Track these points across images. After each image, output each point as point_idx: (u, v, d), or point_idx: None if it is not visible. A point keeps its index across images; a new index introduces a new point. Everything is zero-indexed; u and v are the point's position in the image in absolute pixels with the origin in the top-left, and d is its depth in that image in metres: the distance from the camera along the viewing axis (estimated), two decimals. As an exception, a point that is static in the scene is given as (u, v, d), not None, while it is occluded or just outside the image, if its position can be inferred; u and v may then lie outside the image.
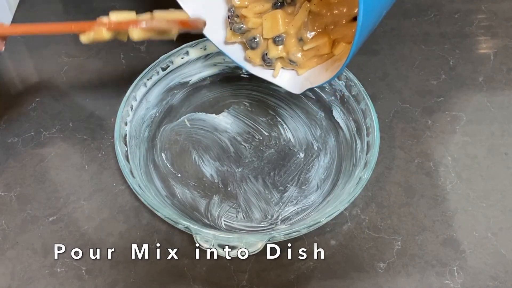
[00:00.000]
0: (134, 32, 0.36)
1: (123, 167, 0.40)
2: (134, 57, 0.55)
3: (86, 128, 0.48)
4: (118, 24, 0.36)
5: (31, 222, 0.42)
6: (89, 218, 0.42)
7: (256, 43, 0.43)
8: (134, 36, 0.36)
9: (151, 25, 0.37)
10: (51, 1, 0.62)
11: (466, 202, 0.42)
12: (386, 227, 0.41)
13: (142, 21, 0.37)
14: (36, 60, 0.55)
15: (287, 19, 0.41)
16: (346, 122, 0.46)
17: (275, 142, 0.47)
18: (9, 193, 0.44)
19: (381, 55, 0.55)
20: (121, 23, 0.36)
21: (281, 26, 0.41)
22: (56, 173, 0.45)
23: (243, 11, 0.42)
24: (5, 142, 0.47)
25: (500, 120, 0.48)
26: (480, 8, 0.59)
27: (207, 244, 0.36)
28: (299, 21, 0.41)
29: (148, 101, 0.47)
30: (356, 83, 0.44)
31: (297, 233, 0.37)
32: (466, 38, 0.56)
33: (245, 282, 0.38)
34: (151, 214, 0.42)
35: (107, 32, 0.36)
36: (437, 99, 0.50)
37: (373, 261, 0.39)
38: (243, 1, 0.42)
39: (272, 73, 0.44)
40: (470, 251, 0.40)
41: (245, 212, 0.42)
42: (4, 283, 0.39)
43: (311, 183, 0.44)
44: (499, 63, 0.53)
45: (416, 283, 0.38)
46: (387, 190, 0.43)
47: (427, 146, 0.46)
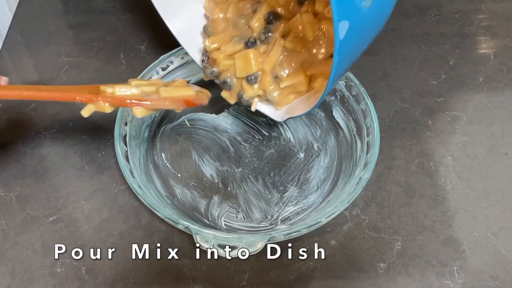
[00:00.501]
0: (138, 111, 0.35)
1: (123, 167, 0.40)
2: (134, 57, 0.55)
3: (86, 128, 0.48)
4: (121, 101, 0.35)
5: (31, 222, 0.42)
6: (89, 218, 0.42)
7: (229, 86, 0.42)
8: (138, 115, 0.36)
9: (156, 104, 0.36)
10: (51, 1, 0.62)
11: (466, 202, 0.42)
12: (386, 227, 0.41)
13: (146, 100, 0.35)
14: (36, 60, 0.55)
15: (261, 58, 0.40)
16: (346, 122, 0.46)
17: (275, 142, 0.47)
18: (9, 193, 0.44)
19: (381, 55, 0.55)
20: (124, 100, 0.35)
21: (253, 65, 0.40)
22: (56, 173, 0.45)
23: (213, 54, 0.42)
24: (5, 142, 0.47)
25: (500, 120, 0.48)
26: (480, 8, 0.59)
27: (207, 244, 0.36)
28: (274, 58, 0.40)
29: (148, 101, 0.46)
30: (356, 83, 0.44)
31: (297, 233, 0.37)
32: (466, 38, 0.56)
33: (245, 282, 0.38)
34: (151, 214, 0.42)
35: (109, 107, 0.35)
36: (437, 99, 0.50)
37: (373, 261, 0.39)
38: (214, 42, 0.42)
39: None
40: (470, 251, 0.40)
41: (245, 212, 0.42)
42: (4, 283, 0.39)
43: (311, 183, 0.44)
44: (499, 63, 0.53)
45: (416, 283, 0.38)
46: (387, 190, 0.43)
47: (427, 146, 0.46)
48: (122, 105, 0.35)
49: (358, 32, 0.31)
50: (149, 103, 0.35)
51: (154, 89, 0.37)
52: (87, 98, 0.35)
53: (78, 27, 0.58)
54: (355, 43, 0.32)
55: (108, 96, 0.35)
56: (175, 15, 0.44)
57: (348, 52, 0.32)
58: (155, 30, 0.57)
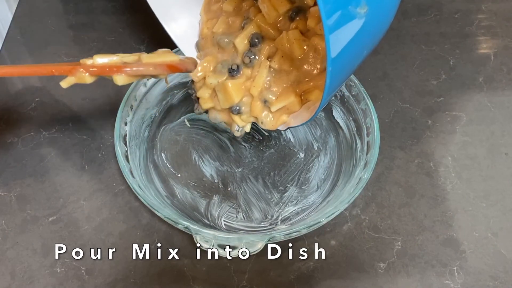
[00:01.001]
0: (119, 78, 0.34)
1: (123, 167, 0.40)
2: (134, 57, 0.55)
3: (86, 128, 0.48)
4: (101, 69, 0.34)
5: (31, 222, 0.42)
6: (89, 218, 0.42)
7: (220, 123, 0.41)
8: (119, 82, 0.34)
9: (137, 70, 0.34)
10: (51, 1, 0.62)
11: (466, 202, 0.42)
12: (386, 227, 0.41)
13: (127, 66, 0.34)
14: (36, 60, 0.55)
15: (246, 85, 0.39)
16: (346, 122, 0.46)
17: (275, 142, 0.47)
18: (9, 193, 0.44)
19: (381, 55, 0.55)
20: (104, 67, 0.34)
21: (234, 96, 0.39)
22: (56, 173, 0.45)
23: (198, 93, 0.41)
24: (5, 142, 0.47)
25: (500, 120, 0.48)
26: (480, 8, 0.59)
27: (207, 244, 0.36)
28: (260, 82, 0.38)
29: (148, 101, 0.46)
30: (356, 83, 0.44)
31: (297, 233, 0.37)
32: (466, 38, 0.56)
33: (245, 282, 0.38)
34: (151, 214, 0.42)
35: (89, 77, 0.34)
36: (437, 99, 0.50)
37: (373, 261, 0.39)
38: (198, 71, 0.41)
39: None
40: (470, 251, 0.40)
41: (245, 212, 0.42)
42: (4, 283, 0.39)
43: (311, 183, 0.44)
44: (499, 63, 0.53)
45: (416, 283, 0.38)
46: (387, 190, 0.43)
47: (427, 146, 0.46)
48: (102, 73, 0.34)
49: (354, 44, 0.29)
50: (129, 69, 0.34)
51: (136, 58, 0.36)
52: (65, 70, 0.34)
53: (78, 27, 0.58)
54: (350, 56, 0.30)
55: (88, 66, 0.34)
56: (173, 19, 0.44)
57: (343, 66, 0.30)
58: (155, 30, 0.57)
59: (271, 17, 0.39)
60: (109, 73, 0.34)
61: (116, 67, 0.34)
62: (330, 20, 0.26)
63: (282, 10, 0.39)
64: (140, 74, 0.35)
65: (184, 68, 0.37)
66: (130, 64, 0.34)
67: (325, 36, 0.26)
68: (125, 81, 0.34)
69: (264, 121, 0.40)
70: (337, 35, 0.27)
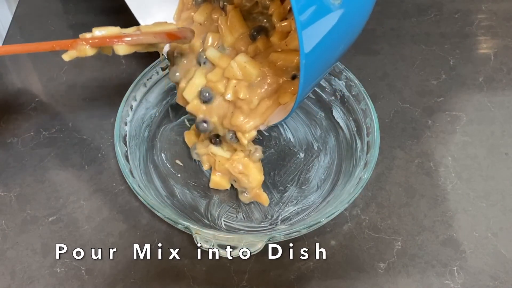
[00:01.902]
0: (120, 48, 0.34)
1: (123, 167, 0.40)
2: (134, 57, 0.55)
3: (86, 128, 0.48)
4: (102, 39, 0.34)
5: (31, 222, 0.42)
6: (89, 218, 0.42)
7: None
8: (120, 52, 0.34)
9: (137, 39, 0.34)
10: (51, 1, 0.62)
11: (466, 202, 0.42)
12: (386, 227, 0.41)
13: (127, 36, 0.34)
14: (36, 60, 0.55)
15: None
16: (346, 122, 0.46)
17: (275, 142, 0.47)
18: (9, 193, 0.44)
19: (381, 55, 0.55)
20: (105, 38, 0.34)
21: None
22: (56, 173, 0.45)
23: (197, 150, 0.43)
24: (5, 142, 0.47)
25: (500, 120, 0.48)
26: (480, 8, 0.59)
27: (207, 244, 0.35)
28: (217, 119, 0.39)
29: (148, 101, 0.46)
30: (356, 83, 0.44)
31: (297, 233, 0.37)
32: (466, 38, 0.56)
33: (245, 282, 0.38)
34: (151, 214, 0.42)
35: (90, 49, 0.34)
36: (437, 99, 0.50)
37: (373, 261, 0.39)
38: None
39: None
40: (470, 251, 0.40)
41: (245, 212, 0.42)
42: (4, 283, 0.39)
43: (311, 183, 0.44)
44: (499, 63, 0.53)
45: (416, 283, 0.38)
46: (387, 190, 0.43)
47: (427, 146, 0.46)
48: (103, 44, 0.34)
49: (329, 37, 0.28)
50: (129, 39, 0.34)
51: (135, 29, 0.36)
52: (65, 44, 0.34)
53: (78, 27, 0.58)
54: (326, 50, 0.29)
55: (88, 38, 0.34)
56: (151, 16, 0.43)
57: (318, 60, 0.30)
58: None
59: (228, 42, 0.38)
60: (110, 44, 0.34)
61: (116, 37, 0.34)
62: (303, 16, 0.26)
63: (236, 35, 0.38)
64: (140, 43, 0.35)
65: (183, 35, 0.37)
66: (130, 34, 0.35)
67: (297, 31, 0.26)
68: (125, 50, 0.34)
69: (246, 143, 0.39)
70: (311, 29, 0.26)
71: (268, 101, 0.38)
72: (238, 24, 0.38)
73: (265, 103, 0.38)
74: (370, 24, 0.58)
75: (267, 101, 0.38)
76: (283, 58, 0.37)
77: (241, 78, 0.37)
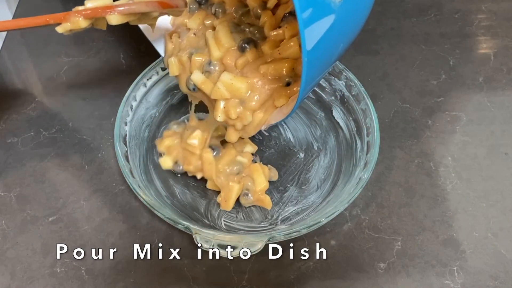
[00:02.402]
0: (113, 18, 0.35)
1: (123, 167, 0.40)
2: (134, 57, 0.55)
3: (86, 128, 0.48)
4: (94, 10, 0.35)
5: (31, 222, 0.42)
6: (89, 218, 0.42)
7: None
8: (113, 21, 0.35)
9: (130, 8, 0.35)
10: (51, 1, 0.62)
11: (466, 202, 0.42)
12: (386, 227, 0.41)
13: (120, 5, 0.35)
14: (36, 60, 0.55)
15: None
16: (346, 122, 0.46)
17: (275, 142, 0.47)
18: (9, 193, 0.44)
19: (381, 55, 0.55)
20: (97, 9, 0.35)
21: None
22: (55, 173, 0.45)
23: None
24: (5, 142, 0.47)
25: (500, 120, 0.48)
26: (480, 8, 0.59)
27: (207, 244, 0.36)
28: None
29: (148, 101, 0.46)
30: (356, 83, 0.44)
31: (297, 233, 0.37)
32: (466, 38, 0.56)
33: (245, 282, 0.38)
34: (151, 214, 0.42)
35: (84, 21, 0.35)
36: (437, 99, 0.50)
37: (373, 261, 0.39)
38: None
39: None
40: (470, 251, 0.40)
41: (245, 212, 0.42)
42: (4, 283, 0.39)
43: (311, 183, 0.44)
44: (499, 63, 0.53)
45: (416, 283, 0.38)
46: (387, 190, 0.43)
47: (427, 146, 0.46)
48: (96, 14, 0.35)
49: (330, 35, 0.29)
50: (122, 8, 0.35)
51: (127, 0, 0.36)
52: (58, 17, 0.35)
53: (78, 27, 0.58)
54: (327, 47, 0.30)
55: (81, 10, 0.35)
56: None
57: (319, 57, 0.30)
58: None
59: (214, 57, 0.38)
60: (102, 14, 0.34)
61: (109, 7, 0.35)
62: (305, 13, 0.26)
63: (222, 50, 0.38)
64: (133, 12, 0.35)
65: (174, 4, 0.37)
66: (123, 3, 0.35)
67: (300, 29, 0.26)
68: (118, 20, 0.35)
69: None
70: (312, 27, 0.27)
71: (261, 113, 0.38)
72: (225, 39, 0.38)
73: (259, 115, 0.38)
74: (370, 24, 0.58)
75: (261, 113, 0.38)
76: (273, 68, 0.37)
77: (229, 96, 0.37)
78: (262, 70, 0.37)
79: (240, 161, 0.42)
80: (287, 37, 0.37)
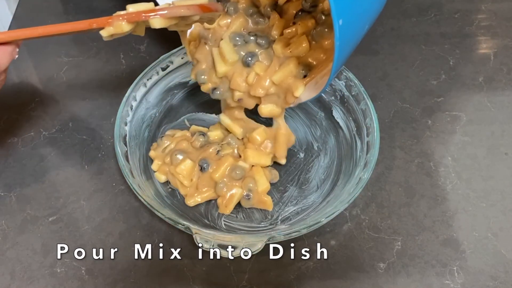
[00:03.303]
0: (156, 21, 0.35)
1: (123, 167, 0.40)
2: (134, 57, 0.55)
3: (86, 128, 0.48)
4: (138, 14, 0.35)
5: (31, 222, 0.42)
6: (89, 218, 0.42)
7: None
8: (156, 25, 0.35)
9: (172, 12, 0.35)
10: (51, 1, 0.62)
11: (466, 202, 0.42)
12: (386, 227, 0.41)
13: (162, 9, 0.35)
14: (36, 60, 0.55)
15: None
16: (346, 122, 0.46)
17: (275, 142, 0.47)
18: (9, 193, 0.44)
19: (381, 55, 0.55)
20: (140, 13, 0.35)
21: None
22: (56, 173, 0.45)
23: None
24: (5, 142, 0.47)
25: (500, 120, 0.48)
26: (480, 8, 0.59)
27: (207, 244, 0.36)
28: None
29: (148, 101, 0.46)
30: (356, 83, 0.44)
31: (297, 233, 0.37)
32: (466, 38, 0.56)
33: (245, 282, 0.38)
34: (151, 214, 0.42)
35: (126, 25, 0.35)
36: (437, 99, 0.50)
37: (373, 261, 0.39)
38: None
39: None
40: (470, 251, 0.40)
41: (245, 212, 0.42)
42: (4, 283, 0.39)
43: (311, 183, 0.44)
44: (499, 63, 0.53)
45: (416, 283, 0.38)
46: (387, 190, 0.43)
47: (427, 146, 0.46)
48: (139, 19, 0.35)
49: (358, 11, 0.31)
50: (165, 12, 0.35)
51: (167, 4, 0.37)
52: (102, 21, 0.36)
53: (78, 27, 0.58)
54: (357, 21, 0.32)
55: (124, 14, 0.35)
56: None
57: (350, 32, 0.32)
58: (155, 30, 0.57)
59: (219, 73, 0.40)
60: (146, 18, 0.35)
61: (152, 10, 0.35)
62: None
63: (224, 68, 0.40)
64: (175, 16, 0.36)
65: (215, 8, 0.38)
66: (165, 7, 0.35)
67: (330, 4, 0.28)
68: (161, 24, 0.35)
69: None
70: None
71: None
72: (229, 54, 0.39)
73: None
74: (370, 24, 0.58)
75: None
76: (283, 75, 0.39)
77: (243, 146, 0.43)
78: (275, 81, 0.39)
79: (241, 166, 0.42)
80: (299, 33, 0.38)
